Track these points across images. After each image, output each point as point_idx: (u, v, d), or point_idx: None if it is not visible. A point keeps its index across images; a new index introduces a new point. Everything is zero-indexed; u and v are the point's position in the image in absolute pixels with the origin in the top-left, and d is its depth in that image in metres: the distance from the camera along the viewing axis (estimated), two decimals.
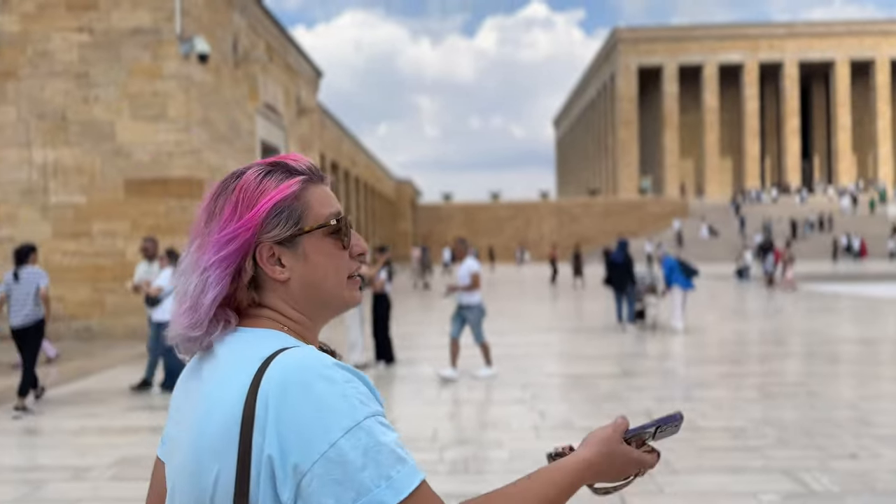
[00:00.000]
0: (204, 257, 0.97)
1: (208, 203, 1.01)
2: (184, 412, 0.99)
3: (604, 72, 75.57)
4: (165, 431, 1.06)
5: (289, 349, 0.92)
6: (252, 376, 0.89)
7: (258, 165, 1.02)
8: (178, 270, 1.01)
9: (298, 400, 0.85)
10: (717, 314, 15.58)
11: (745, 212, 54.81)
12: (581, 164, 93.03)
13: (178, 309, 0.98)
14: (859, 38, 66.46)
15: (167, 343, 1.03)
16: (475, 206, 60.24)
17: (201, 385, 0.97)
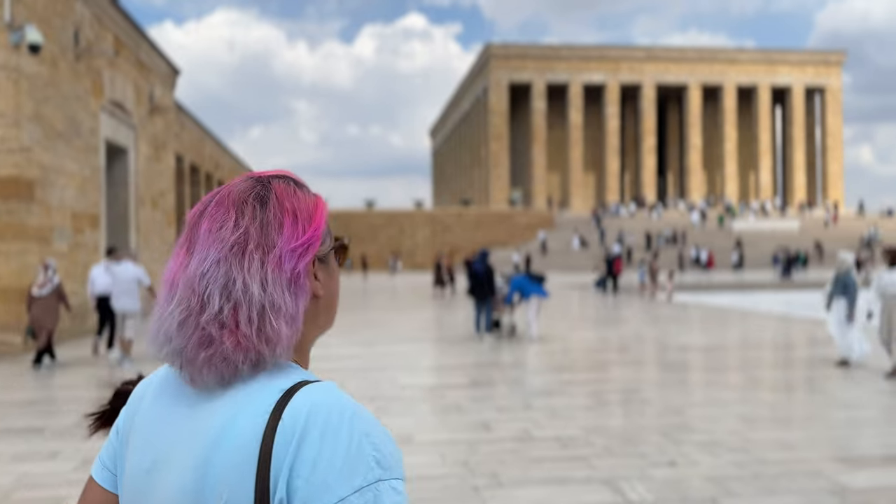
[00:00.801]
0: (277, 270, 0.90)
1: (226, 213, 0.92)
2: (169, 439, 0.91)
3: (477, 86, 77.40)
4: (107, 454, 1.01)
5: (311, 384, 0.87)
6: (270, 408, 0.85)
7: (278, 177, 0.98)
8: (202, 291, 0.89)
9: (319, 444, 0.81)
10: (572, 323, 16.17)
11: (605, 224, 57.84)
12: (456, 174, 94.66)
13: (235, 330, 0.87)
14: (710, 64, 72.19)
15: None
16: (349, 214, 59.63)
17: (197, 412, 0.90)
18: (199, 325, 0.87)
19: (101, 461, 1.02)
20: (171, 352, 0.90)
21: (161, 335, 0.91)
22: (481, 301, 13.39)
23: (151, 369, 9.87)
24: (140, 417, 0.97)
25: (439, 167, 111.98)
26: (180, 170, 27.55)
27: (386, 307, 21.29)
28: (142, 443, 0.95)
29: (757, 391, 8.01)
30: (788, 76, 73.34)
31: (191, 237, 0.94)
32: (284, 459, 0.81)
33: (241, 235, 0.89)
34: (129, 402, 1.02)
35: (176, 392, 0.95)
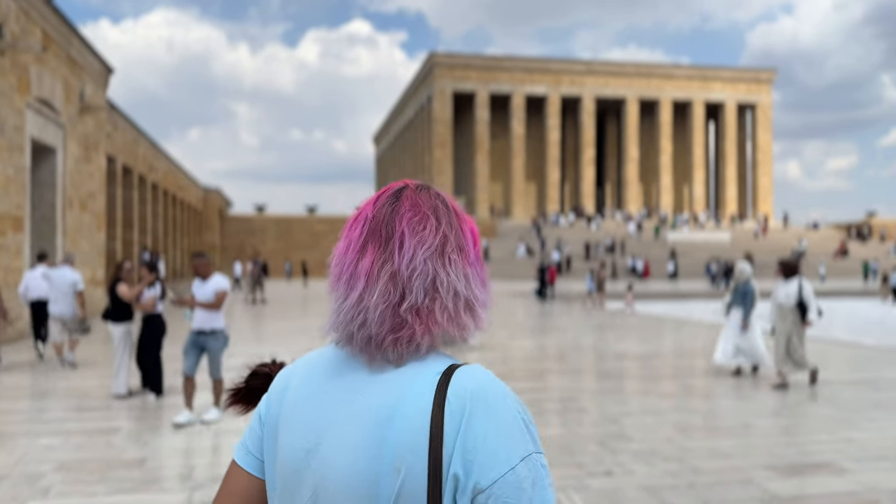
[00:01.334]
0: (471, 269, 1.05)
1: (425, 218, 1.04)
2: (330, 420, 0.99)
3: (421, 94, 77.51)
4: (251, 441, 1.09)
5: (464, 365, 0.99)
6: (433, 389, 0.95)
7: (428, 186, 1.10)
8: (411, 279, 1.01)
9: (485, 421, 0.92)
10: (513, 331, 16.22)
11: (545, 233, 58.63)
12: (400, 181, 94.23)
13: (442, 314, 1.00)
14: (647, 79, 74.21)
15: None
16: (290, 219, 58.69)
17: (362, 394, 0.99)
18: (395, 313, 0.99)
19: (244, 447, 1.09)
20: (362, 336, 1.00)
21: (352, 320, 1.01)
22: None
23: (94, 372, 9.42)
24: (290, 403, 1.04)
25: (383, 174, 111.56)
26: (112, 171, 26.52)
27: (327, 315, 20.93)
28: (298, 426, 1.02)
29: (690, 399, 8.14)
30: (721, 92, 76.03)
31: (376, 237, 1.03)
32: (456, 436, 0.91)
33: (441, 238, 1.02)
34: (271, 392, 1.09)
35: (331, 375, 1.04)
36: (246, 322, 18.65)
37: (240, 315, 20.92)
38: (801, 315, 8.89)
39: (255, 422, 1.10)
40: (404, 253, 1.00)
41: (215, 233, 56.49)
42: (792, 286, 8.93)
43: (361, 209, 1.09)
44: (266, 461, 1.07)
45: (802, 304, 8.84)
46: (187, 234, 48.45)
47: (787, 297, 8.92)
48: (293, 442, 1.01)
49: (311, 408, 1.02)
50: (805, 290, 8.88)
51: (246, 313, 21.65)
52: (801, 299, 8.84)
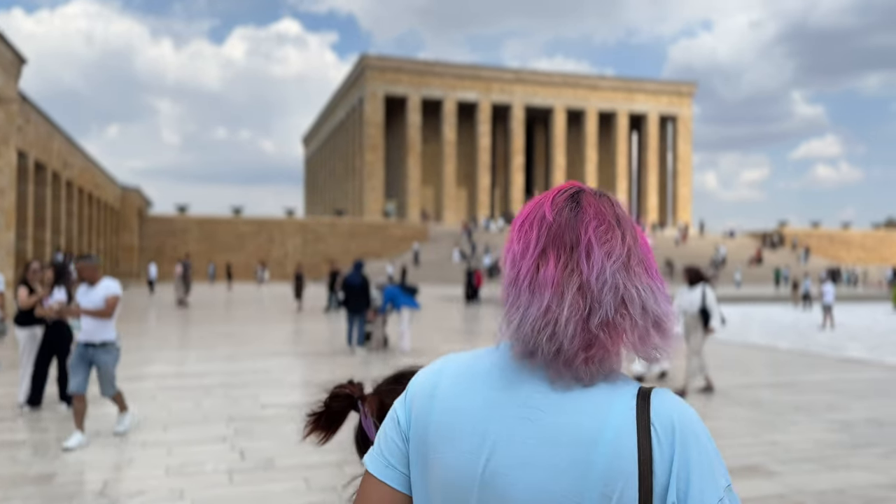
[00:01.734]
0: (656, 283, 1.00)
1: (611, 230, 1.00)
2: (506, 436, 0.95)
3: (353, 96, 76.82)
4: (391, 454, 1.02)
5: (655, 388, 0.97)
6: (633, 412, 0.93)
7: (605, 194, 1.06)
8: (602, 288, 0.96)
9: (696, 450, 0.91)
10: (445, 335, 16.13)
11: (476, 238, 59.02)
12: (329, 184, 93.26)
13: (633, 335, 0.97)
14: (574, 89, 75.92)
15: None
16: (214, 220, 56.94)
17: (545, 413, 0.95)
18: (586, 328, 0.94)
19: (382, 459, 1.02)
20: (550, 350, 0.95)
21: (540, 332, 0.95)
22: (355, 313, 13.03)
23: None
24: (446, 412, 0.98)
25: (312, 176, 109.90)
26: (23, 167, 25.02)
27: (250, 319, 20.33)
28: (462, 438, 0.96)
29: None
30: (645, 104, 78.57)
31: (558, 243, 0.98)
32: (669, 465, 0.90)
33: (627, 251, 0.98)
34: (413, 399, 1.02)
35: (499, 386, 0.98)
36: (169, 327, 17.87)
37: (164, 319, 20.05)
38: (703, 322, 8.95)
39: (392, 431, 1.03)
40: (593, 264, 0.96)
41: (134, 234, 54.23)
42: (696, 293, 9.00)
43: (533, 209, 1.05)
44: (414, 475, 1.01)
45: (705, 311, 8.90)
46: (104, 235, 46.29)
47: (691, 304, 8.99)
48: (458, 456, 0.96)
49: (475, 420, 0.97)
50: (708, 298, 8.92)
51: (170, 317, 20.77)
52: (703, 306, 8.90)
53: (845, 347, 18.05)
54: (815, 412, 7.66)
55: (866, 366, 11.71)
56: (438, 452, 0.97)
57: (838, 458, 5.79)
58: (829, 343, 19.10)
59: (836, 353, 15.39)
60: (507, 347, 1.03)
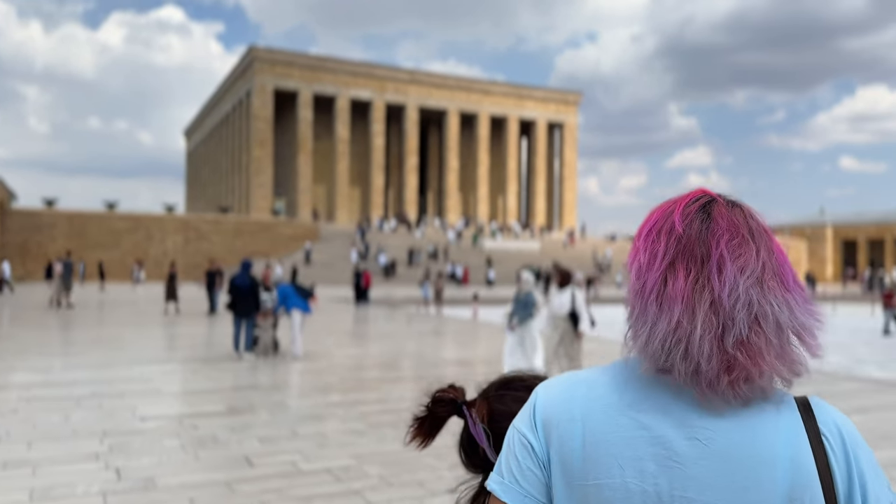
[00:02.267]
0: (794, 298, 0.97)
1: (745, 243, 0.97)
2: (674, 462, 0.92)
3: (240, 88, 74.09)
4: (528, 484, 0.98)
5: (809, 397, 0.98)
6: (800, 426, 0.93)
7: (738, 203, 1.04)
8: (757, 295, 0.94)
9: (866, 457, 0.93)
10: (339, 338, 15.68)
11: (369, 239, 58.48)
12: (214, 179, 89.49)
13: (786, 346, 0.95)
14: (467, 93, 76.88)
15: None
16: (85, 216, 53.10)
17: (711, 435, 0.92)
18: (721, 348, 0.91)
19: (521, 490, 0.98)
20: (686, 369, 0.92)
21: (671, 349, 0.93)
22: (243, 317, 12.36)
23: None
24: (594, 441, 0.94)
25: (194, 171, 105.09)
26: None
27: (126, 322, 18.98)
28: (626, 468, 0.93)
29: None
30: (534, 111, 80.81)
31: (687, 256, 0.96)
32: (847, 474, 0.91)
33: (762, 266, 0.95)
34: (546, 425, 0.98)
35: (647, 409, 0.95)
36: (33, 331, 16.32)
37: (27, 322, 18.30)
38: (573, 324, 8.77)
39: (527, 460, 0.98)
40: (724, 279, 0.93)
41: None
42: (565, 296, 8.78)
43: (660, 218, 1.01)
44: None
45: (574, 315, 8.69)
46: None
47: (561, 306, 8.78)
48: (622, 483, 0.92)
49: (631, 443, 0.93)
50: (577, 300, 8.72)
51: (35, 320, 19.00)
52: (573, 309, 8.70)
53: None
54: None
55: None
56: (595, 480, 0.93)
57: None
58: None
59: None
60: (634, 364, 0.99)
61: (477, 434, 1.20)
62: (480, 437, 1.19)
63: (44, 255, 51.11)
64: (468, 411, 1.22)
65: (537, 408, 1.01)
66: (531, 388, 1.17)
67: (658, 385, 0.96)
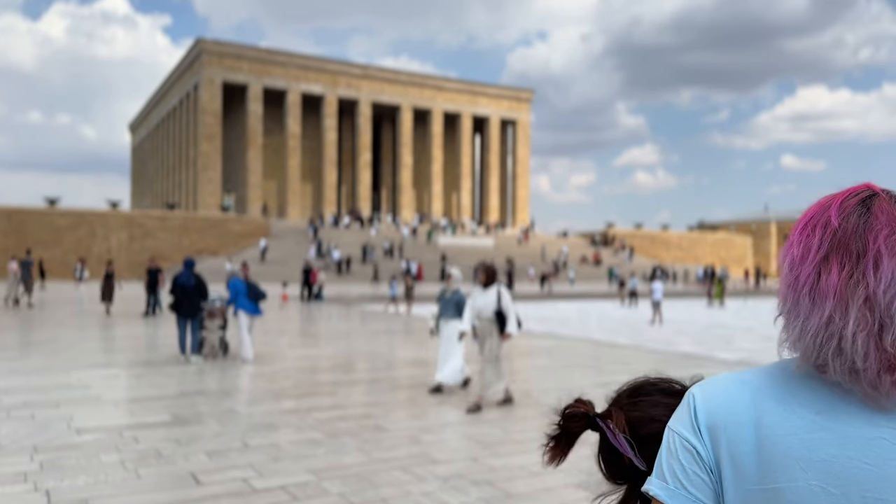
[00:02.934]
0: None
1: None
2: (860, 467, 0.89)
3: (187, 81, 72.05)
4: (697, 491, 0.96)
5: None
6: None
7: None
8: None
9: None
10: (290, 338, 15.13)
11: (322, 235, 57.54)
12: (160, 175, 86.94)
13: None
14: (420, 89, 76.40)
15: None
16: (24, 212, 50.85)
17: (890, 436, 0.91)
18: (879, 347, 0.89)
19: (690, 496, 0.96)
20: (840, 367, 0.91)
21: (823, 345, 0.91)
22: (188, 317, 11.75)
23: None
24: (771, 444, 0.92)
25: (140, 165, 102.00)
26: None
27: (66, 324, 18.02)
28: (810, 471, 0.90)
29: (484, 412, 7.89)
30: (487, 108, 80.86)
31: (842, 250, 0.93)
32: None
33: None
34: (712, 429, 0.97)
35: (821, 409, 0.92)
36: None
37: None
38: (499, 326, 7.97)
39: (693, 465, 0.96)
40: (881, 275, 0.90)
41: None
42: (490, 295, 8.02)
43: (818, 211, 0.98)
44: None
45: (501, 315, 7.95)
46: None
47: (486, 306, 7.99)
48: (807, 488, 0.89)
49: (810, 446, 0.90)
50: (503, 300, 7.99)
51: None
52: (499, 309, 7.95)
53: (676, 342, 19.22)
54: None
55: (699, 361, 12.36)
56: (773, 483, 0.91)
57: None
58: (661, 338, 20.29)
59: (672, 349, 16.28)
60: (790, 365, 0.98)
61: (620, 445, 1.17)
62: (624, 447, 1.17)
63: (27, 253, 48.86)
64: (604, 423, 1.19)
65: (698, 412, 0.98)
66: (667, 392, 1.18)
67: (823, 385, 0.94)
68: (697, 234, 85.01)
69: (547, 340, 15.31)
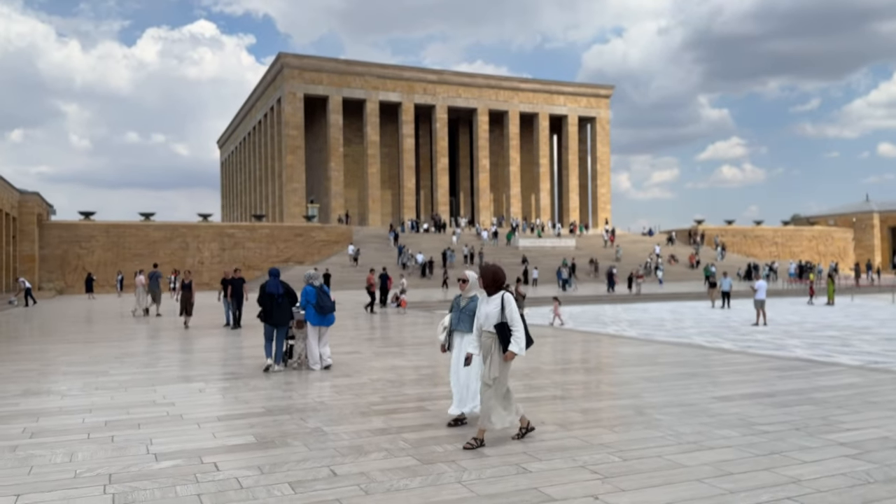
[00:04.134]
0: None
1: None
2: None
3: (270, 96, 73.97)
4: None
5: None
6: None
7: None
8: None
9: None
10: (374, 347, 14.58)
11: (402, 241, 57.60)
12: (248, 187, 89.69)
13: None
14: (496, 91, 75.58)
15: None
16: (122, 226, 53.24)
17: None
18: None
19: None
20: None
21: None
22: (276, 326, 11.43)
23: None
24: None
25: (228, 179, 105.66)
26: None
27: (152, 336, 18.23)
28: None
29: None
30: (564, 106, 79.15)
31: None
32: None
33: None
34: None
35: None
36: (61, 344, 15.58)
37: (64, 333, 17.64)
38: (502, 343, 6.35)
39: None
40: None
41: (33, 242, 50.02)
42: (494, 303, 6.45)
43: None
44: None
45: (505, 328, 6.34)
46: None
47: (489, 316, 6.43)
48: None
49: None
50: (508, 309, 6.37)
51: (68, 331, 18.35)
52: (502, 321, 6.36)
53: (786, 345, 17.63)
54: (818, 433, 6.67)
55: (828, 368, 11.02)
56: None
57: (887, 501, 4.75)
58: (769, 341, 18.72)
59: (784, 353, 14.85)
60: None
61: None
62: None
63: (82, 267, 51.35)
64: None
65: None
66: None
67: None
68: (793, 228, 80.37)
69: (648, 346, 14.22)
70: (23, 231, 49.13)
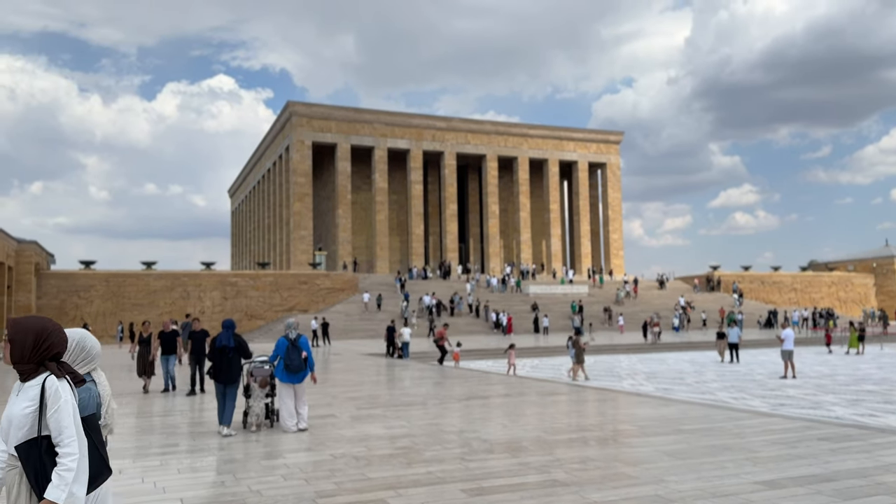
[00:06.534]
0: None
1: None
2: None
3: (279, 144, 73.75)
4: None
5: None
6: None
7: None
8: None
9: None
10: (356, 405, 12.82)
11: (409, 288, 56.07)
12: (256, 235, 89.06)
13: None
14: (505, 137, 74.94)
15: None
16: (122, 276, 52.14)
17: None
18: None
19: None
20: None
21: None
22: (225, 385, 9.88)
23: None
24: None
25: (238, 228, 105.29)
26: None
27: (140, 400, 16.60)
28: None
29: None
30: (574, 152, 78.28)
31: None
32: None
33: None
34: None
35: None
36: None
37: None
38: (35, 482, 3.00)
39: None
40: None
41: (30, 293, 48.97)
42: (27, 398, 3.17)
43: None
44: None
45: (40, 451, 3.10)
46: None
47: (12, 424, 3.18)
48: None
49: None
50: (53, 410, 3.03)
51: None
52: (38, 434, 2.85)
53: (823, 403, 15.76)
54: None
55: (889, 438, 9.19)
56: None
57: None
58: (802, 397, 16.84)
59: (823, 412, 13.05)
60: None
61: None
62: None
63: (80, 318, 50.09)
64: None
65: None
66: None
67: None
68: (812, 274, 78.13)
69: (669, 407, 12.40)
70: (19, 281, 48.12)
